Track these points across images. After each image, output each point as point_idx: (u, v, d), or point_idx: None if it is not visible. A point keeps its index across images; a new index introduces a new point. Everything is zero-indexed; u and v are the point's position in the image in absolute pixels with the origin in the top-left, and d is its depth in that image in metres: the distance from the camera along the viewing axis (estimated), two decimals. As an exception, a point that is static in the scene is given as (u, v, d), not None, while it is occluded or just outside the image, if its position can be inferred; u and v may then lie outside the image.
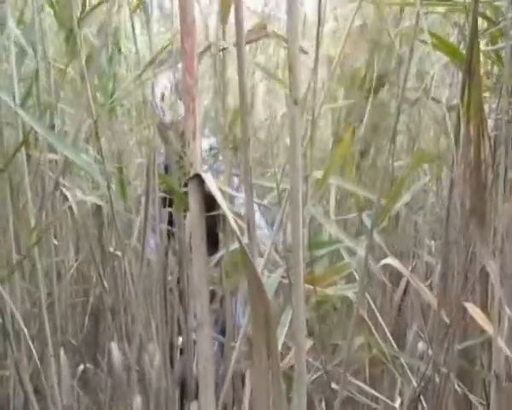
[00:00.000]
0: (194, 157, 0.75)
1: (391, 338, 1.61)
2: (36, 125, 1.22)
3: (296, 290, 0.89)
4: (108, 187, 1.37)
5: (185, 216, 1.62)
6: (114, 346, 1.68)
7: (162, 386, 1.52)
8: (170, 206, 1.69)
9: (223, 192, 0.76)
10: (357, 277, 1.71)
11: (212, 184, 0.74)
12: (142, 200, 1.56)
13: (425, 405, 1.52)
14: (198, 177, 0.74)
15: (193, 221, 0.75)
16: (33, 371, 1.58)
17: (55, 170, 1.56)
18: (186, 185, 1.66)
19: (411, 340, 1.71)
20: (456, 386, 1.45)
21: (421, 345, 1.68)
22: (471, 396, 1.48)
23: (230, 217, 0.76)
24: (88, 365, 1.87)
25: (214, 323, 1.73)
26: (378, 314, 1.62)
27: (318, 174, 1.33)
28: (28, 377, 1.50)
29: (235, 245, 1.51)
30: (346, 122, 1.87)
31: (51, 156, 1.59)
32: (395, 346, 1.63)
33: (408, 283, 1.82)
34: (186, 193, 1.58)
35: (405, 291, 1.89)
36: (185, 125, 0.75)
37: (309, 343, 1.53)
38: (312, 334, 1.57)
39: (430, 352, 1.56)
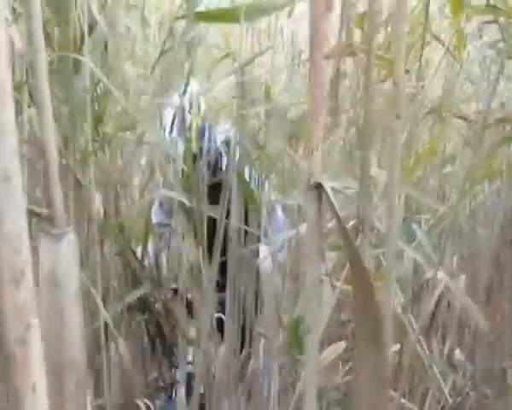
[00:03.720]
0: (316, 167, 0.76)
1: (426, 348, 1.63)
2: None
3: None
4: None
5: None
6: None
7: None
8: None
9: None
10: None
11: (330, 195, 0.76)
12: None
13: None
14: (318, 187, 0.76)
15: (309, 231, 0.77)
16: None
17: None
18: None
19: (446, 352, 1.73)
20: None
21: (457, 355, 1.70)
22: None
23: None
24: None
25: None
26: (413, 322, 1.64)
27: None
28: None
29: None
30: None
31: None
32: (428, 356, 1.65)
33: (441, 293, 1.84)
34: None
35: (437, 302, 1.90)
36: (310, 134, 0.76)
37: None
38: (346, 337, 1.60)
39: (467, 366, 1.59)
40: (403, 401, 1.60)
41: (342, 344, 1.46)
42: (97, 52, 1.60)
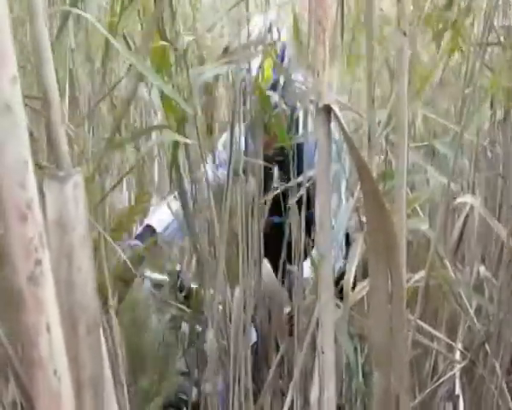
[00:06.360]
0: (323, 88, 0.73)
1: (452, 273, 1.60)
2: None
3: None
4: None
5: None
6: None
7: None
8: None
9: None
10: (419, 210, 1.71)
11: (339, 116, 0.73)
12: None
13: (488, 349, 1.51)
14: (327, 108, 0.73)
15: (320, 153, 0.74)
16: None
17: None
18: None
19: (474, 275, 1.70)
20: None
21: (483, 272, 1.66)
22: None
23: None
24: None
25: None
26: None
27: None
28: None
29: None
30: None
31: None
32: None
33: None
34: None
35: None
36: (315, 55, 0.73)
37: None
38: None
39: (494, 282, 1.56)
40: (429, 327, 1.58)
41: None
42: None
